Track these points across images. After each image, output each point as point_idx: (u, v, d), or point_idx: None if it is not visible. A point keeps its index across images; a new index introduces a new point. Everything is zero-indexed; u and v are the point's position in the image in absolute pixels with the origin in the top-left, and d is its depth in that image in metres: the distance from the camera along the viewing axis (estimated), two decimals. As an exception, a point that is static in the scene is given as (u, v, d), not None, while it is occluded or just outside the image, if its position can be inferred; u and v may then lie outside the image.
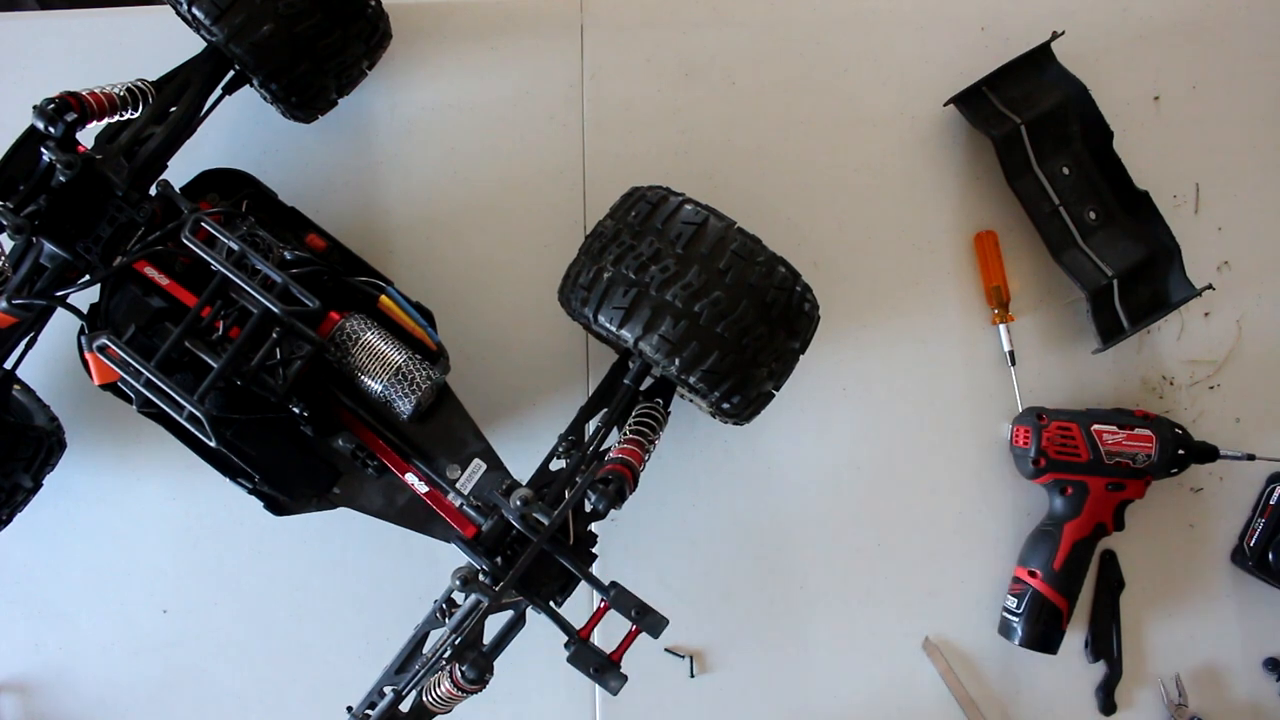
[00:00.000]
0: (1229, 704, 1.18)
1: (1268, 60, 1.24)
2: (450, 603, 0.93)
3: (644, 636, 0.84)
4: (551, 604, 0.88)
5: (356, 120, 1.20)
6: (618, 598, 0.85)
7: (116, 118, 0.98)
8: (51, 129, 0.91)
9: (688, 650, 1.16)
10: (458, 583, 0.84)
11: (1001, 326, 1.18)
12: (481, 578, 0.86)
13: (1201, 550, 1.19)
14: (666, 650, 1.15)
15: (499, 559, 0.88)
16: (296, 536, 1.16)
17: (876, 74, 1.22)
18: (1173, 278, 1.15)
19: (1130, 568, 1.18)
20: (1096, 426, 1.12)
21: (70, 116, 0.91)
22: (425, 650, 0.92)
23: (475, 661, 0.83)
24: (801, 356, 0.96)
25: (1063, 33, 1.15)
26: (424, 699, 0.86)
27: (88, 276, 0.94)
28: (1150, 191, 1.15)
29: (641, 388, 0.98)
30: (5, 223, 0.89)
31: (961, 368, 1.20)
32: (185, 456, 0.95)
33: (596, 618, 0.87)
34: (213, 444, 0.86)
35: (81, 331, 0.95)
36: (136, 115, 0.99)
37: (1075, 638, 1.17)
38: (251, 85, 1.06)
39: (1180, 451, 1.12)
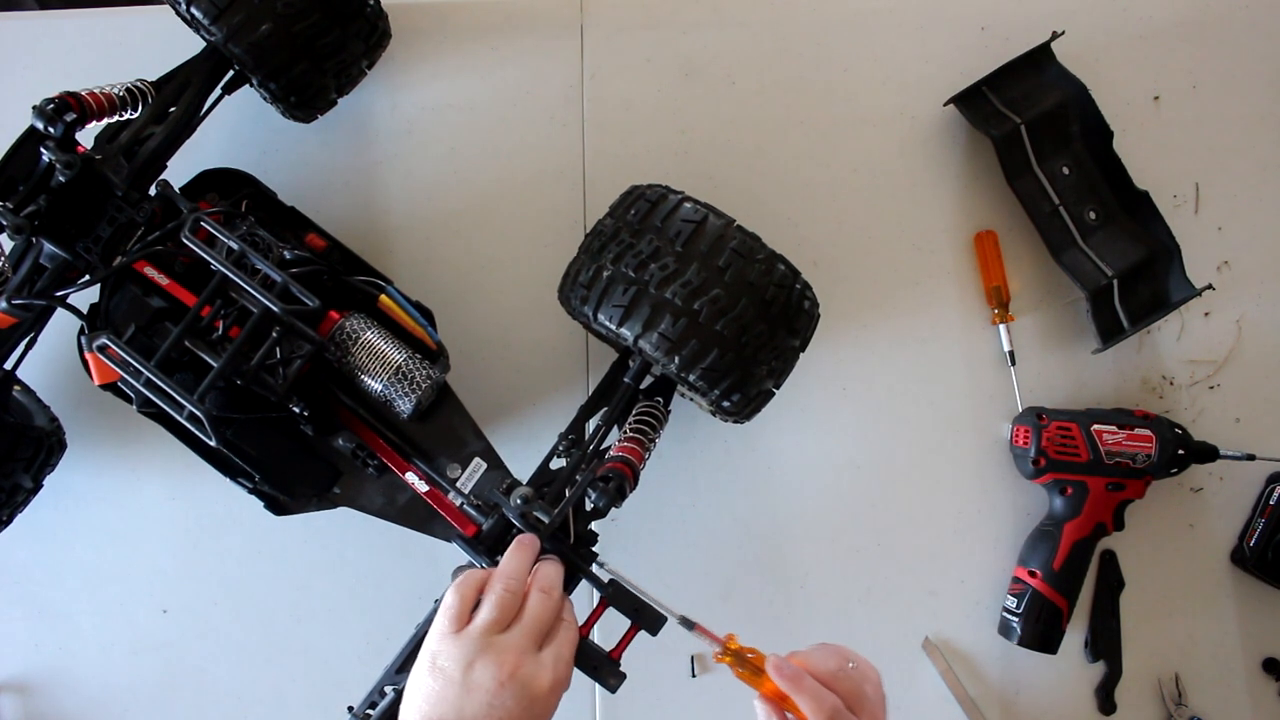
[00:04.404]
0: (1229, 704, 1.18)
1: (1268, 60, 1.24)
2: (450, 602, 0.93)
3: (643, 635, 0.84)
4: (551, 603, 0.88)
5: (356, 120, 1.20)
6: (617, 596, 0.85)
7: (116, 118, 0.98)
8: (51, 129, 0.91)
9: (688, 651, 1.16)
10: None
11: (1001, 326, 1.18)
12: (481, 577, 0.85)
13: (1201, 550, 1.19)
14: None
15: (499, 558, 0.88)
16: (296, 536, 1.16)
17: (876, 74, 1.22)
18: (1173, 278, 1.15)
19: (1130, 568, 1.18)
20: (1096, 426, 1.12)
21: (70, 116, 0.91)
22: (425, 650, 0.91)
23: (475, 661, 0.82)
24: (801, 355, 0.96)
25: (1063, 33, 1.15)
26: (424, 698, 0.86)
27: (88, 276, 0.94)
28: (1150, 191, 1.15)
29: (641, 386, 0.98)
30: (5, 223, 0.89)
31: (961, 368, 1.20)
32: (185, 456, 0.95)
33: (595, 616, 0.86)
34: (213, 444, 0.86)
35: (81, 331, 0.95)
36: (136, 115, 0.99)
37: (1075, 638, 1.17)
38: (251, 85, 1.06)
39: (1180, 451, 1.12)
